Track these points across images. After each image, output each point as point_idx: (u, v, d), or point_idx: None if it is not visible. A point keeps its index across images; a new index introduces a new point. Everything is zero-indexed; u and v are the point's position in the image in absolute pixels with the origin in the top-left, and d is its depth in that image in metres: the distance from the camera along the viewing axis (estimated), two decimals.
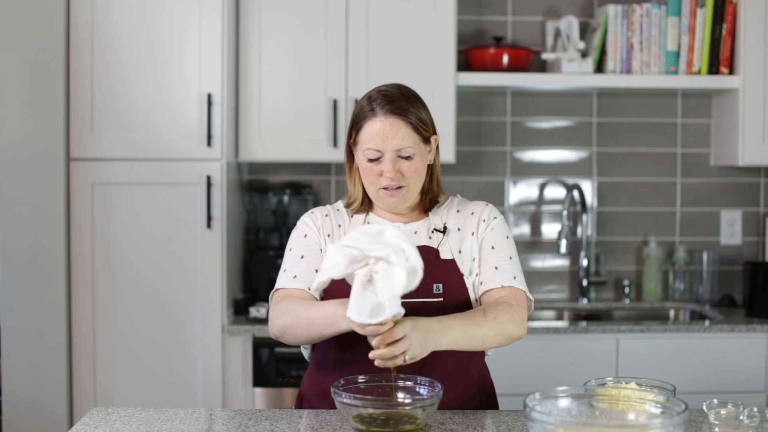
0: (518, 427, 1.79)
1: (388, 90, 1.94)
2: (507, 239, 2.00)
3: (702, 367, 3.22)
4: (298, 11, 3.35)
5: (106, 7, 3.13)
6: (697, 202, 3.80)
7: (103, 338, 3.16)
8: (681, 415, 1.47)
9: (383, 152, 1.89)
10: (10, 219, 3.12)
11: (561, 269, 3.79)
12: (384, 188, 1.92)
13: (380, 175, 1.91)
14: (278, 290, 1.95)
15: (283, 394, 3.18)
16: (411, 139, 1.90)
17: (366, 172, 1.93)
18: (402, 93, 1.94)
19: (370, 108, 1.91)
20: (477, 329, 1.80)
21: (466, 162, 3.72)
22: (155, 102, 3.15)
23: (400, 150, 1.90)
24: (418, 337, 1.68)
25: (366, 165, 1.92)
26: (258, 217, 3.63)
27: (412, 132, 1.91)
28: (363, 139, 1.91)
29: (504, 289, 1.92)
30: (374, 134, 1.89)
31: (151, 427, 1.78)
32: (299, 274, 1.94)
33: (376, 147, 1.89)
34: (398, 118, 1.89)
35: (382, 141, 1.89)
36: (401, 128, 1.89)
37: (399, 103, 1.91)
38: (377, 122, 1.89)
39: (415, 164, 1.92)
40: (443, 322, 1.76)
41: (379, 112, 1.89)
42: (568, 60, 3.47)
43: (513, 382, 2.95)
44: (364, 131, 1.91)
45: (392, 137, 1.89)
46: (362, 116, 1.92)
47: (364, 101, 1.94)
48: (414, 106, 1.92)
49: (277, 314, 1.89)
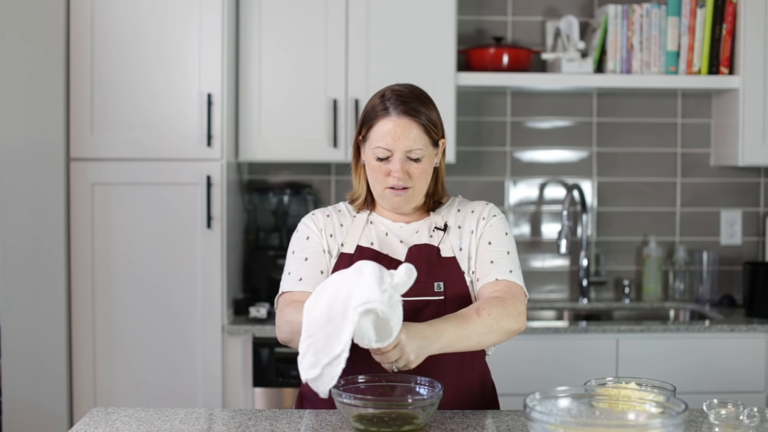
0: (518, 427, 1.79)
1: (401, 90, 1.93)
2: (506, 236, 2.00)
3: (702, 367, 3.22)
4: (298, 11, 3.35)
5: (106, 7, 3.13)
6: (697, 202, 3.80)
7: (103, 338, 3.16)
8: (681, 415, 1.46)
9: (393, 152, 1.89)
10: (10, 219, 3.12)
11: (561, 269, 3.79)
12: (390, 188, 1.92)
13: (388, 174, 1.91)
14: (284, 294, 1.94)
15: (283, 394, 3.18)
16: (421, 141, 1.90)
17: (373, 170, 1.93)
18: (415, 94, 1.93)
19: (384, 107, 1.91)
20: (471, 328, 1.78)
21: (466, 162, 3.72)
22: (155, 102, 3.15)
23: (410, 151, 1.89)
24: (410, 345, 1.67)
25: (374, 163, 1.92)
26: (258, 217, 3.63)
27: (423, 134, 1.91)
28: (374, 137, 1.91)
29: (498, 283, 1.91)
30: (386, 133, 1.89)
31: (151, 427, 1.78)
32: (304, 277, 1.93)
33: (387, 146, 1.89)
34: (411, 119, 1.89)
35: (393, 141, 1.88)
36: (413, 129, 1.89)
37: (412, 104, 1.90)
38: (390, 121, 1.89)
39: (422, 166, 1.92)
40: (436, 326, 1.74)
41: (393, 111, 1.89)
42: (568, 60, 3.47)
43: (513, 382, 2.95)
44: (376, 129, 1.91)
45: (404, 138, 1.88)
46: (374, 114, 1.92)
47: (376, 99, 1.94)
48: (426, 108, 1.92)
49: (283, 321, 1.88)
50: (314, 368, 1.64)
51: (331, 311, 1.63)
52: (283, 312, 1.89)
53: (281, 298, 1.94)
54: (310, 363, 1.64)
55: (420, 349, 1.69)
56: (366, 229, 1.99)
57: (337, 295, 1.63)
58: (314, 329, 1.65)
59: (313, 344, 1.64)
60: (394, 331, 1.62)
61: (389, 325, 1.61)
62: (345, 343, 1.60)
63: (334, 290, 1.65)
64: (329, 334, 1.63)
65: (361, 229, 1.99)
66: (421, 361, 1.71)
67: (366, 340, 1.62)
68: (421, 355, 1.70)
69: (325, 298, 1.65)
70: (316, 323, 1.64)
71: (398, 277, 1.62)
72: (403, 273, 1.63)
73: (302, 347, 1.66)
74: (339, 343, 1.61)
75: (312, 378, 1.65)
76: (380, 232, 1.99)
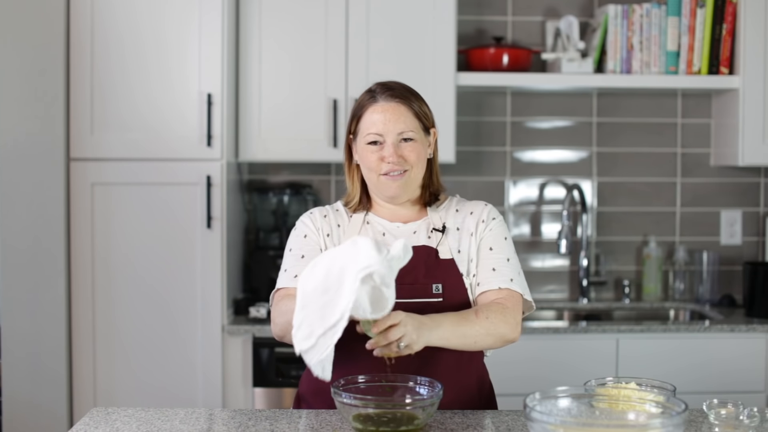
0: (518, 427, 1.79)
1: (387, 82, 1.97)
2: (505, 240, 2.00)
3: (702, 367, 3.22)
4: (298, 11, 3.35)
5: (106, 7, 3.13)
6: (697, 202, 3.80)
7: (103, 338, 3.16)
8: (681, 415, 1.47)
9: (385, 136, 1.90)
10: (10, 219, 3.12)
11: (561, 269, 3.79)
12: (385, 174, 1.93)
13: (382, 160, 1.92)
14: (279, 290, 1.95)
15: (283, 394, 3.18)
16: (413, 124, 1.92)
17: (367, 159, 1.93)
18: (402, 85, 1.97)
19: (371, 97, 1.94)
20: (468, 327, 1.81)
21: (466, 162, 3.72)
22: (155, 102, 3.15)
23: (402, 132, 1.91)
24: (412, 323, 1.69)
25: (367, 153, 1.93)
26: (258, 217, 3.63)
27: (414, 118, 1.93)
28: (364, 126, 1.92)
29: (501, 291, 1.92)
30: (376, 120, 1.91)
31: (151, 427, 1.78)
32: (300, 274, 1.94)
33: (378, 131, 1.90)
34: (400, 103, 1.92)
35: (383, 125, 1.90)
36: (403, 113, 1.91)
37: (400, 91, 1.94)
38: (378, 107, 1.92)
39: (416, 148, 1.93)
40: (435, 318, 1.78)
41: (381, 98, 1.92)
42: (568, 60, 3.47)
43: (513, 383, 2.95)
44: (365, 118, 1.92)
45: (394, 120, 1.90)
46: (363, 105, 1.94)
47: (363, 94, 1.97)
48: (415, 97, 1.96)
49: (279, 314, 1.89)
50: (308, 339, 1.63)
51: (327, 282, 1.63)
52: (278, 306, 1.90)
53: (277, 293, 1.95)
54: (305, 334, 1.63)
55: (420, 328, 1.71)
56: (363, 230, 1.99)
57: (332, 266, 1.64)
58: (308, 300, 1.64)
59: (308, 316, 1.64)
60: (389, 303, 1.62)
61: (384, 297, 1.62)
62: (342, 311, 1.59)
63: (329, 262, 1.65)
64: (324, 305, 1.62)
65: (358, 229, 1.99)
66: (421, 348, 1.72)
67: (361, 310, 1.62)
68: (422, 337, 1.71)
69: (320, 269, 1.65)
70: (311, 295, 1.64)
71: (394, 249, 1.63)
72: (400, 247, 1.64)
73: (296, 320, 1.65)
74: (335, 312, 1.60)
75: (305, 349, 1.63)
76: (377, 233, 1.99)
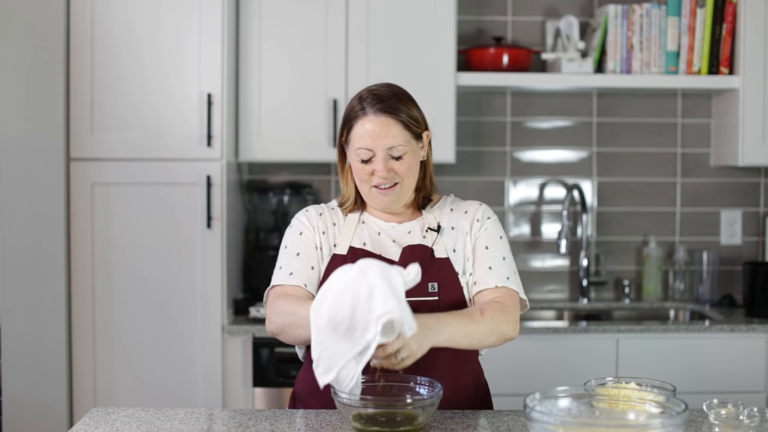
0: (518, 427, 1.79)
1: (378, 89, 1.94)
2: (501, 239, 2.00)
3: (702, 367, 3.22)
4: (298, 11, 3.35)
5: (106, 7, 3.13)
6: (697, 202, 3.80)
7: (103, 338, 3.16)
8: (681, 415, 1.47)
9: (374, 151, 1.90)
10: (10, 219, 3.12)
11: (561, 269, 3.79)
12: (376, 186, 1.93)
13: (372, 174, 1.92)
14: (274, 287, 1.96)
15: (283, 394, 3.18)
16: (402, 137, 1.91)
17: (358, 171, 1.94)
18: (392, 92, 1.94)
19: (361, 107, 1.92)
20: (474, 327, 1.81)
21: (466, 162, 3.72)
22: (155, 102, 3.15)
23: (392, 149, 1.90)
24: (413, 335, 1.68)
25: (358, 165, 1.93)
26: (258, 217, 3.63)
27: (404, 130, 1.91)
28: (354, 139, 1.92)
29: (498, 290, 1.92)
30: (365, 134, 1.90)
31: (151, 427, 1.78)
32: (295, 271, 1.94)
33: (368, 146, 1.90)
34: (389, 117, 1.90)
35: (373, 140, 1.89)
36: (392, 127, 1.90)
37: (389, 101, 1.91)
38: (368, 121, 1.90)
39: (407, 163, 1.92)
40: (440, 319, 1.77)
41: (370, 111, 1.90)
42: (568, 60, 3.47)
43: (513, 382, 2.95)
44: (355, 131, 1.92)
45: (383, 136, 1.89)
46: (353, 115, 1.93)
47: (354, 101, 1.95)
48: (404, 104, 1.93)
49: (274, 312, 1.89)
50: (329, 373, 1.66)
51: (338, 317, 1.64)
52: (274, 304, 1.90)
53: (271, 291, 1.96)
54: (324, 369, 1.66)
55: (423, 338, 1.70)
56: (358, 229, 2.00)
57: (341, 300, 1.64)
58: (323, 336, 1.66)
59: (324, 351, 1.66)
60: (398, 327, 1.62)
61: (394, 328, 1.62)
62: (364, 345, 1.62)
63: (337, 294, 1.66)
64: (339, 339, 1.64)
65: (353, 229, 1.99)
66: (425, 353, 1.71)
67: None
68: (425, 345, 1.71)
69: (329, 303, 1.66)
70: (324, 330, 1.66)
71: (409, 277, 1.65)
72: (414, 274, 1.65)
73: (314, 354, 1.68)
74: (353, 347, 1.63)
75: (329, 382, 1.67)
76: (372, 232, 1.99)
